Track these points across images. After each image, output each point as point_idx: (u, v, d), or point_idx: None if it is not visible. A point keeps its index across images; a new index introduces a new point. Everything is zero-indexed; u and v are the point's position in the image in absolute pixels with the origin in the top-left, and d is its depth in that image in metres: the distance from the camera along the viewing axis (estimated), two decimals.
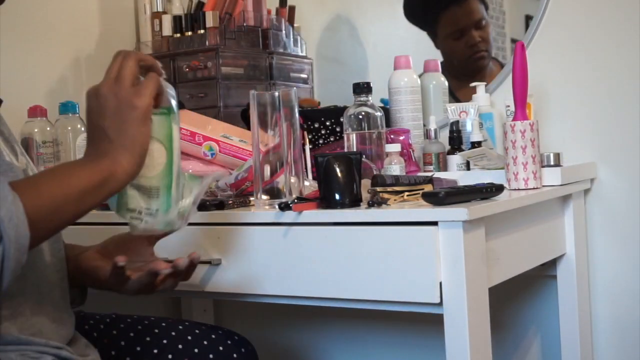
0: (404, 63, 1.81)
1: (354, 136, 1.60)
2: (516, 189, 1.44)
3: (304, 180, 1.38)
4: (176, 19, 2.02)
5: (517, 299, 1.87)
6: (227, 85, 1.93)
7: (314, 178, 1.46)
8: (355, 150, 1.59)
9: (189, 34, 2.00)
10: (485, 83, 1.78)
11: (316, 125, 1.75)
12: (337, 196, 1.27)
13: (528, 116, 1.50)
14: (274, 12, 2.09)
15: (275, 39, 2.06)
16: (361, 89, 1.62)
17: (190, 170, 1.68)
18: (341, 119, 1.68)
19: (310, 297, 1.32)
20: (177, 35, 2.01)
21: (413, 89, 1.79)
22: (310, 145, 1.67)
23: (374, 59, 2.07)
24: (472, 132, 1.66)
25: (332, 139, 1.75)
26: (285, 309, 2.11)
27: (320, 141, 1.75)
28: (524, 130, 1.43)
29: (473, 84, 1.76)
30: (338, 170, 1.27)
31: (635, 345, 1.72)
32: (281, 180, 1.33)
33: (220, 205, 1.39)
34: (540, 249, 1.55)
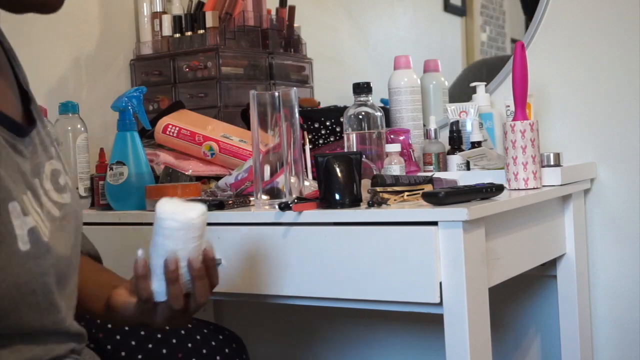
0: (404, 63, 1.81)
1: (354, 136, 1.60)
2: (516, 189, 1.44)
3: (304, 180, 1.38)
4: (176, 19, 2.02)
5: (517, 299, 1.87)
6: (227, 85, 1.93)
7: (314, 178, 1.46)
8: (355, 150, 1.59)
9: (189, 34, 2.00)
10: (485, 83, 1.78)
11: (316, 125, 1.75)
12: (337, 196, 1.27)
13: (528, 116, 1.50)
14: (274, 12, 2.09)
15: (275, 39, 2.06)
16: (361, 89, 1.62)
17: (190, 171, 1.68)
18: (341, 119, 1.68)
19: (310, 297, 1.32)
20: (177, 35, 2.01)
21: (413, 89, 1.79)
22: (310, 145, 1.67)
23: (374, 59, 2.07)
24: (472, 132, 1.66)
25: (332, 139, 1.75)
26: (285, 309, 2.10)
27: (320, 141, 1.75)
28: (524, 130, 1.43)
29: (473, 84, 1.76)
30: (338, 170, 1.27)
31: (635, 345, 1.72)
32: (281, 180, 1.33)
33: (220, 205, 1.39)
34: (540, 249, 1.55)
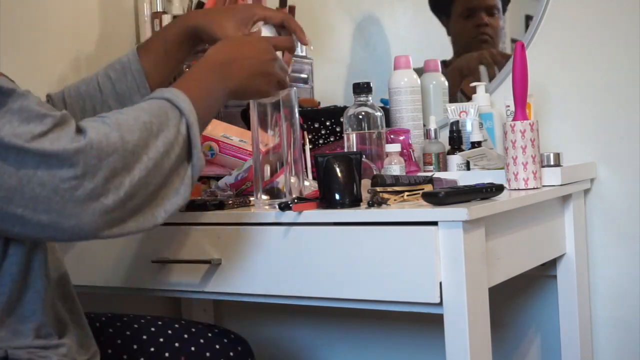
0: (404, 63, 1.81)
1: (354, 136, 1.60)
2: (516, 189, 1.44)
3: (304, 180, 1.38)
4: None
5: (517, 299, 1.87)
6: None
7: (314, 178, 1.46)
8: (355, 150, 1.59)
9: None
10: (485, 83, 1.78)
11: (316, 125, 1.75)
12: (337, 196, 1.27)
13: (528, 116, 1.50)
14: None
15: None
16: (361, 89, 1.62)
17: None
18: (341, 119, 1.68)
19: (310, 297, 1.32)
20: None
21: (413, 89, 1.79)
22: (310, 145, 1.67)
23: (374, 59, 2.07)
24: (472, 132, 1.66)
25: (332, 139, 1.75)
26: (285, 308, 2.10)
27: (320, 141, 1.75)
28: (524, 130, 1.43)
29: (473, 84, 1.76)
30: (338, 170, 1.27)
31: (635, 345, 1.72)
32: (281, 180, 1.33)
33: (220, 205, 1.39)
34: (540, 249, 1.55)
